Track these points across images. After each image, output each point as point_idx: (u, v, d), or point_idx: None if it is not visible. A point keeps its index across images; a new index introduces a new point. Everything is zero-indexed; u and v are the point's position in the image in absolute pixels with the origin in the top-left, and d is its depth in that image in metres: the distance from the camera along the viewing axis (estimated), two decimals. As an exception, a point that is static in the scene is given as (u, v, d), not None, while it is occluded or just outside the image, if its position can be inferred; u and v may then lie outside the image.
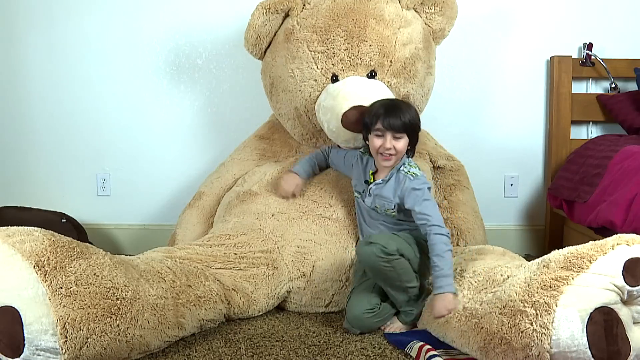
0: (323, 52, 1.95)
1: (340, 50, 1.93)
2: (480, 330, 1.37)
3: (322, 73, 1.95)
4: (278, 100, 2.09)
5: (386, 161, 1.73)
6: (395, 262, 1.58)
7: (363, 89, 1.89)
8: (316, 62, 1.96)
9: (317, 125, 2.00)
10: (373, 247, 1.57)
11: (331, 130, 1.90)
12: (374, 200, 1.76)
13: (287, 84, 2.02)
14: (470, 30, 2.61)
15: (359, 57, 1.93)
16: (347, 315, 1.68)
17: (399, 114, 1.71)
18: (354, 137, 1.87)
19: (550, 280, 1.26)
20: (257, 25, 2.02)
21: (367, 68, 1.94)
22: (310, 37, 1.96)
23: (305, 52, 1.97)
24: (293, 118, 2.07)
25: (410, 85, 2.00)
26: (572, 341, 1.20)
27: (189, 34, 2.62)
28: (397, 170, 1.73)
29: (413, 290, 1.64)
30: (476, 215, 2.21)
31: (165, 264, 1.60)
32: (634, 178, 1.83)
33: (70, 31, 2.61)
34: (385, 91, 1.92)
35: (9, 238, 1.31)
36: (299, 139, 2.15)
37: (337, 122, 1.85)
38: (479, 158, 2.61)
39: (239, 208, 1.98)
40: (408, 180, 1.70)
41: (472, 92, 2.64)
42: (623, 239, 1.26)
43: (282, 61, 2.03)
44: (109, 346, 1.33)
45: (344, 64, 1.94)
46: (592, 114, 2.58)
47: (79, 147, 2.66)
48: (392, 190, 1.73)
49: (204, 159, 2.63)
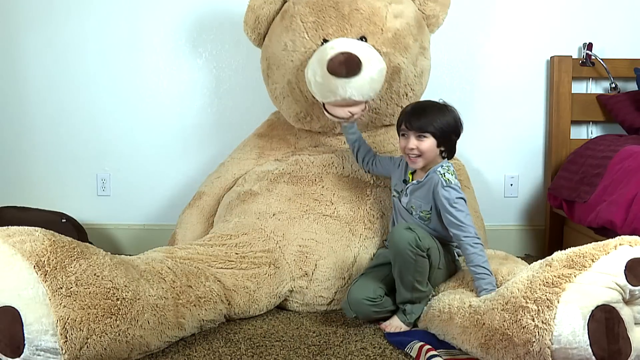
0: (314, 21, 1.96)
1: (331, 18, 1.95)
2: (482, 327, 1.37)
3: (312, 40, 1.96)
4: (273, 81, 2.10)
5: (413, 163, 1.71)
6: (420, 258, 1.59)
7: (351, 43, 1.87)
8: (307, 31, 1.97)
9: (308, 98, 1.99)
10: (409, 234, 1.57)
11: (317, 83, 1.85)
12: (410, 200, 1.76)
13: (279, 59, 2.04)
14: (470, 30, 2.61)
15: (350, 23, 1.94)
16: (348, 296, 1.68)
17: (423, 113, 1.69)
18: (339, 87, 1.80)
19: (553, 278, 1.26)
20: (256, 6, 2.09)
21: (357, 34, 1.94)
22: (303, 10, 1.99)
23: (298, 24, 1.99)
24: (287, 95, 2.06)
25: (401, 58, 1.98)
26: (574, 338, 1.20)
27: (189, 34, 2.62)
28: (432, 175, 1.70)
29: (419, 294, 1.63)
30: (477, 216, 2.21)
31: (166, 264, 1.59)
32: (634, 178, 1.84)
33: (70, 31, 2.61)
34: (374, 53, 1.90)
35: (9, 238, 1.30)
36: (294, 120, 2.13)
37: (322, 69, 1.81)
38: (479, 158, 2.61)
39: (239, 208, 1.98)
40: (441, 185, 1.66)
41: (472, 92, 2.64)
42: (626, 239, 1.27)
43: (277, 38, 2.06)
44: (109, 346, 1.33)
45: (334, 30, 1.94)
46: (592, 114, 2.58)
47: (79, 147, 2.66)
48: (425, 192, 1.72)
49: (204, 159, 2.63)
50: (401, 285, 1.63)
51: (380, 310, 1.67)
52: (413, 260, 1.58)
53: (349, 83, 1.79)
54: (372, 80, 1.84)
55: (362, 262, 1.86)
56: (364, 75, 1.81)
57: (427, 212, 1.72)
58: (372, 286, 1.67)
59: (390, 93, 2.01)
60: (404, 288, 1.63)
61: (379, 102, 2.02)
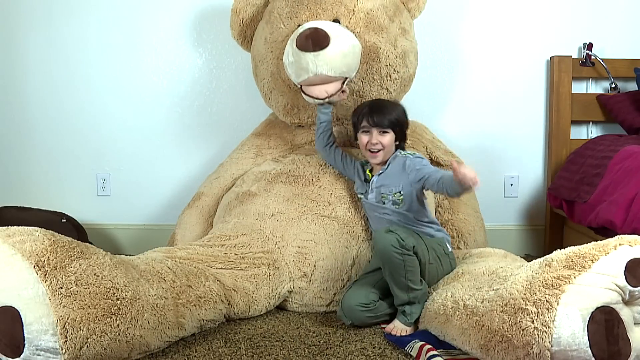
0: (289, 11, 2.02)
1: (303, 5, 2.00)
2: (481, 328, 1.37)
3: (288, 28, 2.00)
4: (261, 78, 2.15)
5: (374, 157, 1.82)
6: (407, 257, 1.59)
7: (321, 23, 1.89)
8: (282, 21, 2.02)
9: (292, 87, 2.00)
10: (391, 236, 1.59)
11: (290, 63, 1.88)
12: (378, 192, 1.80)
13: (262, 53, 2.10)
14: (469, 30, 2.61)
15: (322, 7, 1.98)
16: (342, 304, 1.69)
17: (383, 110, 1.81)
18: (310, 62, 1.82)
19: (552, 279, 1.26)
20: (239, 9, 2.18)
21: (329, 17, 1.98)
22: (280, 5, 2.06)
23: (275, 17, 2.06)
24: (273, 88, 2.10)
25: (376, 37, 2.00)
26: (573, 340, 1.20)
27: (189, 34, 2.62)
28: (394, 158, 1.82)
29: (415, 293, 1.63)
30: (477, 216, 2.21)
31: (166, 264, 1.60)
32: (634, 178, 1.83)
33: (70, 31, 2.61)
34: (346, 31, 1.93)
35: (9, 238, 1.30)
36: (284, 115, 2.15)
37: (292, 47, 1.85)
38: (479, 158, 2.61)
39: (238, 209, 1.99)
40: (409, 158, 1.80)
41: (472, 92, 2.64)
42: (625, 239, 1.26)
43: (259, 35, 2.12)
44: (109, 346, 1.33)
45: (307, 15, 1.99)
46: (592, 114, 2.58)
47: (79, 147, 2.66)
48: (396, 173, 1.79)
49: (204, 159, 2.63)
50: (395, 287, 1.63)
51: (374, 316, 1.67)
52: (401, 261, 1.59)
53: (317, 56, 1.82)
54: (343, 54, 1.86)
55: (361, 264, 1.86)
56: (333, 49, 1.83)
57: (399, 194, 1.78)
58: (365, 292, 1.68)
59: (372, 74, 2.01)
60: (398, 290, 1.63)
61: (361, 84, 2.01)
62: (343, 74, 1.88)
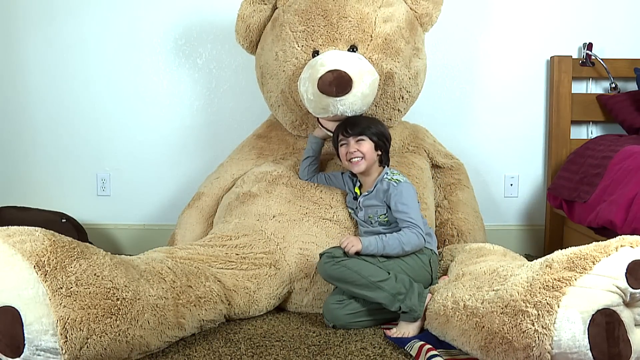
0: (303, 30, 1.97)
1: (320, 27, 1.95)
2: (481, 330, 1.36)
3: (303, 50, 1.96)
4: (268, 89, 2.11)
5: (356, 166, 1.81)
6: (343, 262, 1.63)
7: (341, 58, 1.88)
8: (297, 41, 1.98)
9: (302, 107, 1.99)
10: (322, 257, 1.67)
11: (309, 100, 1.87)
12: (366, 212, 1.82)
13: (272, 68, 2.05)
14: (470, 30, 2.61)
15: (339, 32, 1.94)
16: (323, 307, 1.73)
17: (357, 121, 1.83)
18: (330, 104, 1.83)
19: (553, 281, 1.25)
20: (245, 15, 2.11)
21: (347, 43, 1.95)
22: (292, 19, 2.00)
23: (288, 33, 1.99)
24: (282, 104, 2.08)
25: (393, 63, 1.98)
26: (574, 342, 1.20)
27: (189, 34, 2.62)
28: (381, 181, 1.80)
29: (387, 284, 1.62)
30: (477, 216, 2.21)
31: (166, 264, 1.59)
32: (634, 178, 1.83)
33: (70, 31, 2.61)
34: (365, 62, 1.91)
35: (10, 238, 1.30)
36: (290, 128, 2.15)
37: (313, 87, 1.83)
38: (479, 158, 2.61)
39: (239, 209, 1.98)
40: (392, 186, 1.77)
41: (472, 93, 2.64)
42: (627, 240, 1.25)
43: (269, 47, 2.06)
44: (109, 346, 1.33)
45: (324, 40, 1.95)
46: (592, 114, 2.58)
47: (79, 147, 2.66)
48: (380, 197, 1.79)
49: (204, 159, 2.63)
50: (368, 293, 1.63)
51: (351, 314, 1.68)
52: (343, 267, 1.63)
53: (340, 101, 1.82)
54: (364, 95, 1.86)
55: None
56: (355, 92, 1.83)
57: (384, 216, 1.79)
58: (339, 291, 1.71)
59: (386, 98, 2.02)
60: (372, 292, 1.63)
61: (375, 108, 2.02)
62: (362, 112, 1.91)
